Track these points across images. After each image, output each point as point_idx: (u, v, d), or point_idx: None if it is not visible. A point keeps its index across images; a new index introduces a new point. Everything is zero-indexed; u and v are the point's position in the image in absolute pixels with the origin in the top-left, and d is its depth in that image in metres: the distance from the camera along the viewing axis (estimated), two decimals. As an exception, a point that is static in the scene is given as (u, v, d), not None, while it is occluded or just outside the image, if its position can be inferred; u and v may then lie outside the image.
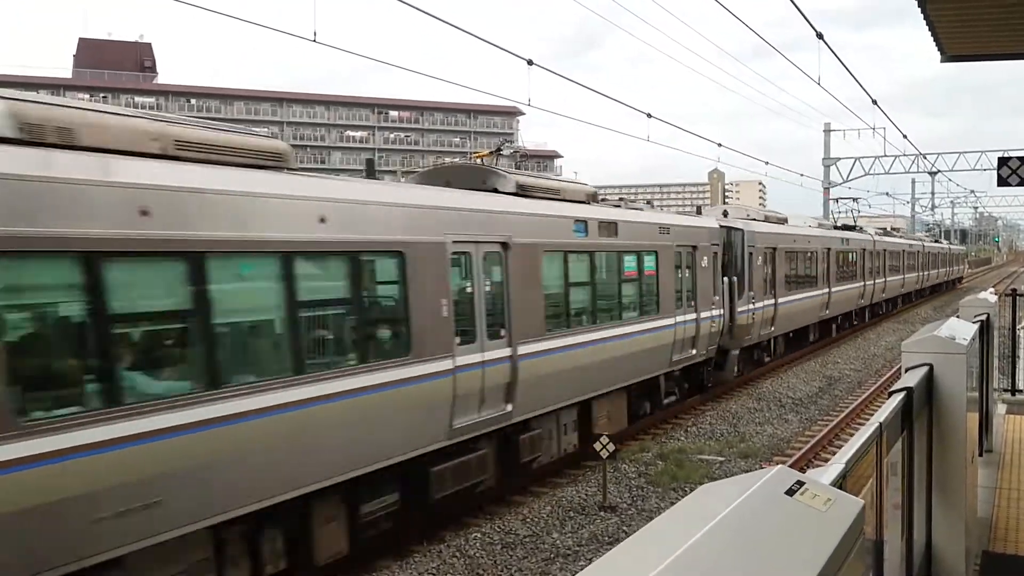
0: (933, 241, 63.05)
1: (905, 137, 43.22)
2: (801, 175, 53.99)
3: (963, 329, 5.83)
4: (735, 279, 20.26)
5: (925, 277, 51.09)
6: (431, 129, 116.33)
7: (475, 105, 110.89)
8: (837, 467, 2.51)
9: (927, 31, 10.09)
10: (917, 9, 9.04)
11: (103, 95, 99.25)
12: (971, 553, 5.74)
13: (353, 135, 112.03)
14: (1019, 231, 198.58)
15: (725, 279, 19.70)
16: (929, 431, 4.88)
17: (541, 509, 11.89)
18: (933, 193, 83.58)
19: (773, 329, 23.08)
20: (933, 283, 55.70)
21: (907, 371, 4.85)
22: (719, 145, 36.86)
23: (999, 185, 17.82)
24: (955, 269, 69.22)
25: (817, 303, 27.46)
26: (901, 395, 4.00)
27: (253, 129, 9.80)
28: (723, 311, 19.28)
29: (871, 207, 79.35)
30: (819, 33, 18.28)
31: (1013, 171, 17.43)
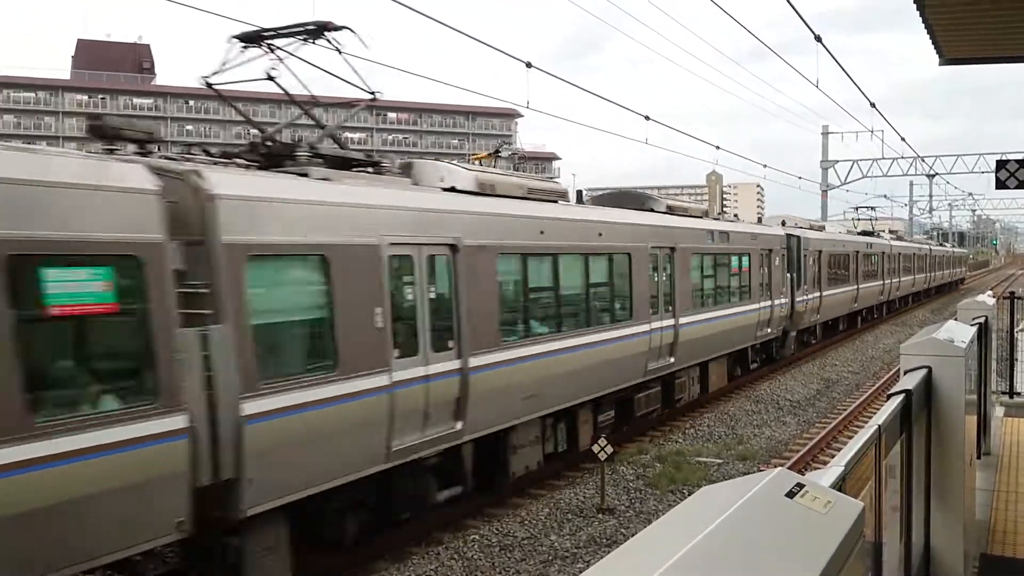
0: (938, 245, 66.83)
1: (903, 140, 43.33)
2: (799, 177, 54.08)
3: (961, 332, 5.84)
4: (794, 275, 24.62)
5: (932, 278, 55.22)
6: (429, 131, 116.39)
7: (474, 107, 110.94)
8: (836, 469, 2.51)
9: (926, 34, 10.12)
10: (916, 13, 9.06)
11: (101, 96, 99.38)
12: (969, 555, 5.75)
13: (351, 136, 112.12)
14: (1017, 234, 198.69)
15: (789, 275, 24.12)
16: (928, 434, 4.89)
17: (539, 511, 11.89)
18: (931, 196, 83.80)
19: (818, 317, 27.96)
20: (939, 283, 59.48)
21: (906, 373, 4.86)
22: (717, 148, 36.91)
23: (997, 188, 17.84)
24: (958, 271, 73.46)
25: (849, 297, 32.30)
26: (900, 398, 4.00)
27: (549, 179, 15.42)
28: (787, 300, 23.88)
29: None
30: (817, 36, 18.30)
31: (1011, 174, 17.45)
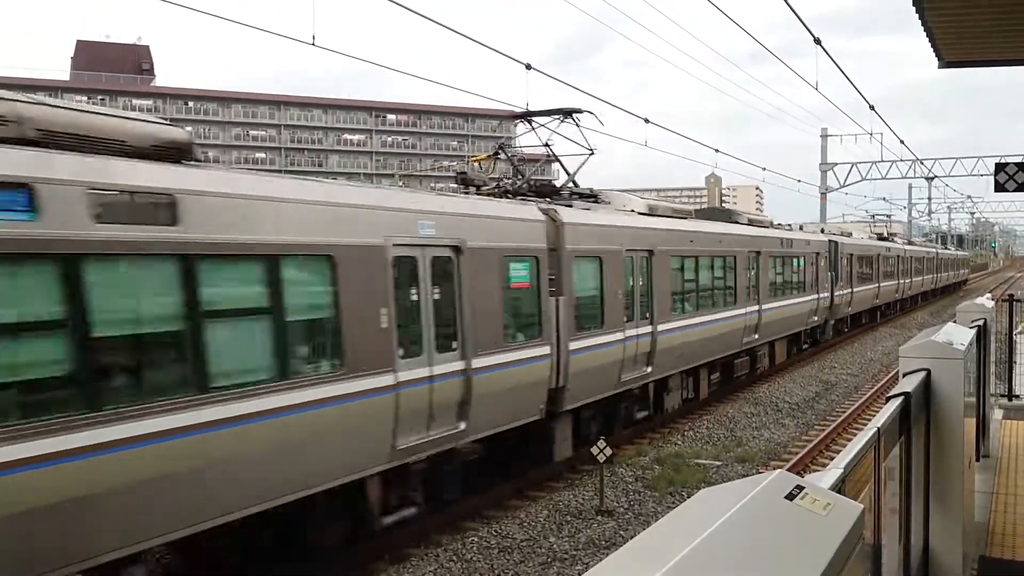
0: (943, 248, 73.21)
1: (902, 142, 43.36)
2: (798, 180, 54.10)
3: (960, 334, 5.84)
4: (833, 274, 29.89)
5: (938, 279, 60.85)
6: (429, 132, 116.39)
7: (473, 109, 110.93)
8: (836, 472, 2.51)
9: (925, 37, 10.13)
10: (915, 16, 9.07)
11: (100, 97, 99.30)
12: (968, 558, 5.75)
13: (351, 138, 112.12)
14: (1015, 237, 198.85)
15: (830, 273, 29.61)
16: (927, 436, 4.89)
17: (538, 513, 11.88)
18: (930, 198, 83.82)
19: (850, 309, 33.43)
20: (944, 284, 64.89)
21: (905, 376, 4.86)
22: (716, 151, 36.92)
23: (996, 191, 17.84)
24: (962, 272, 79.87)
25: (872, 294, 37.50)
26: (899, 400, 4.00)
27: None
28: (828, 294, 29.35)
29: (868, 212, 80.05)
30: (817, 38, 18.31)
31: (1010, 176, 17.46)
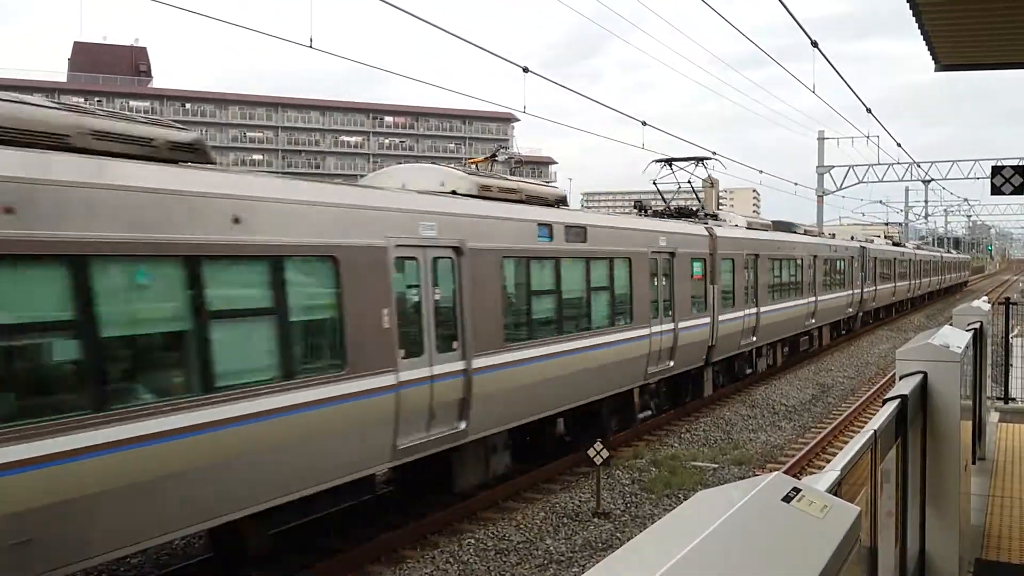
0: (946, 252, 78.79)
1: (899, 145, 43.37)
2: (795, 183, 54.08)
3: (957, 337, 5.85)
4: (863, 274, 35.75)
5: (943, 280, 66.94)
6: (426, 135, 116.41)
7: (470, 111, 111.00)
8: (832, 474, 2.52)
9: (922, 41, 10.15)
10: (912, 19, 9.09)
11: (98, 99, 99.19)
12: (964, 561, 5.76)
13: (348, 140, 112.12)
14: (1012, 240, 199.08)
15: (861, 273, 35.45)
16: (923, 439, 4.90)
17: (535, 515, 11.88)
18: (927, 201, 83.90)
19: (874, 304, 39.19)
20: (948, 285, 70.53)
21: (901, 379, 4.86)
22: (714, 153, 36.89)
23: (992, 194, 17.87)
24: (963, 274, 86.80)
25: (890, 292, 43.14)
26: (895, 403, 4.01)
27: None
28: (859, 291, 35.24)
29: (864, 215, 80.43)
30: (814, 41, 18.35)
31: (1006, 180, 17.49)
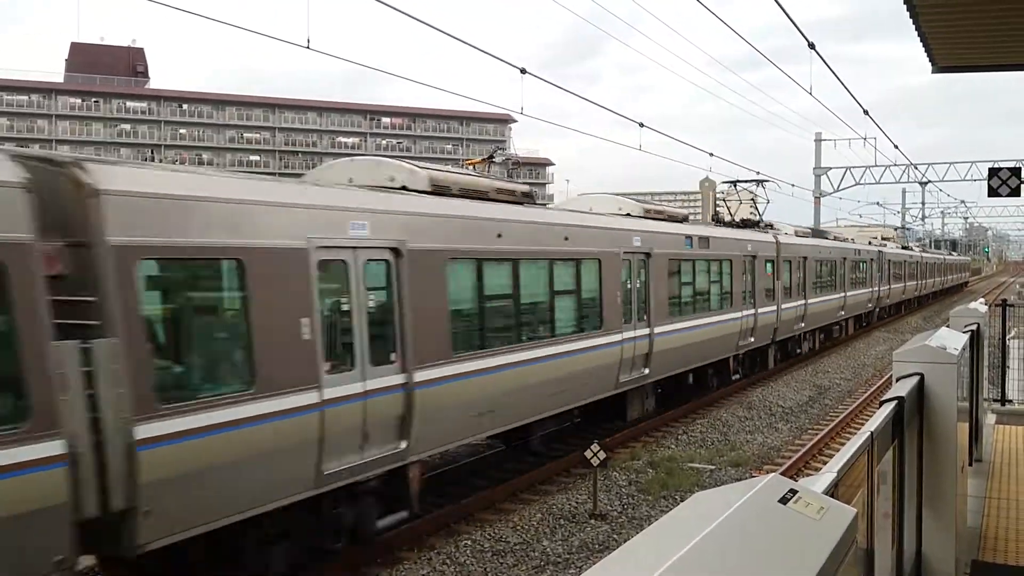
0: (948, 254, 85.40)
1: (896, 147, 43.43)
2: (792, 185, 54.10)
3: (954, 339, 5.84)
4: (879, 275, 41.25)
5: (946, 280, 72.99)
6: (423, 136, 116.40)
7: (468, 112, 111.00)
8: (829, 476, 2.51)
9: (919, 43, 10.16)
10: (909, 21, 9.10)
11: (95, 100, 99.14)
12: (960, 562, 5.75)
13: (345, 141, 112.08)
14: (1008, 241, 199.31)
15: (878, 274, 40.93)
16: (920, 440, 4.90)
17: (531, 517, 11.87)
18: (924, 203, 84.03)
19: (888, 300, 44.73)
20: (950, 285, 76.40)
21: (898, 380, 4.86)
22: (711, 155, 36.97)
23: (989, 195, 17.94)
24: (964, 275, 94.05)
25: (901, 290, 48.82)
26: (892, 404, 4.01)
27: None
28: (876, 289, 40.54)
29: (861, 217, 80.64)
30: (811, 43, 18.36)
31: (1003, 182, 17.55)
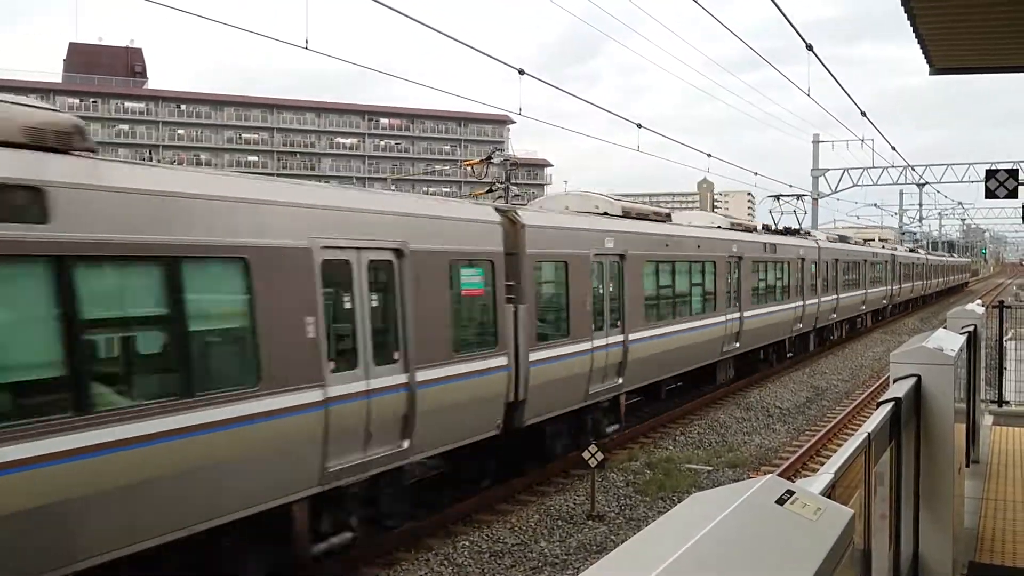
0: (949, 256, 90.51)
1: (893, 148, 43.58)
2: (790, 185, 54.14)
3: (951, 340, 5.85)
4: (892, 275, 44.60)
5: (949, 280, 77.39)
6: (422, 136, 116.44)
7: (466, 113, 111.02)
8: (826, 477, 2.52)
9: (916, 44, 10.17)
10: (907, 23, 9.11)
11: (93, 100, 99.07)
12: (958, 563, 5.76)
13: (343, 142, 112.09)
14: (1006, 243, 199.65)
15: (892, 274, 44.49)
16: (917, 442, 4.90)
17: (529, 518, 11.88)
18: (921, 205, 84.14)
19: (899, 298, 48.82)
20: (952, 285, 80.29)
21: (895, 382, 4.86)
22: (708, 155, 37.04)
23: (987, 197, 17.94)
24: (965, 276, 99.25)
25: (910, 288, 52.74)
26: (889, 405, 4.01)
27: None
28: (889, 288, 44.29)
29: (859, 218, 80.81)
30: (809, 45, 18.42)
31: (1000, 183, 17.56)
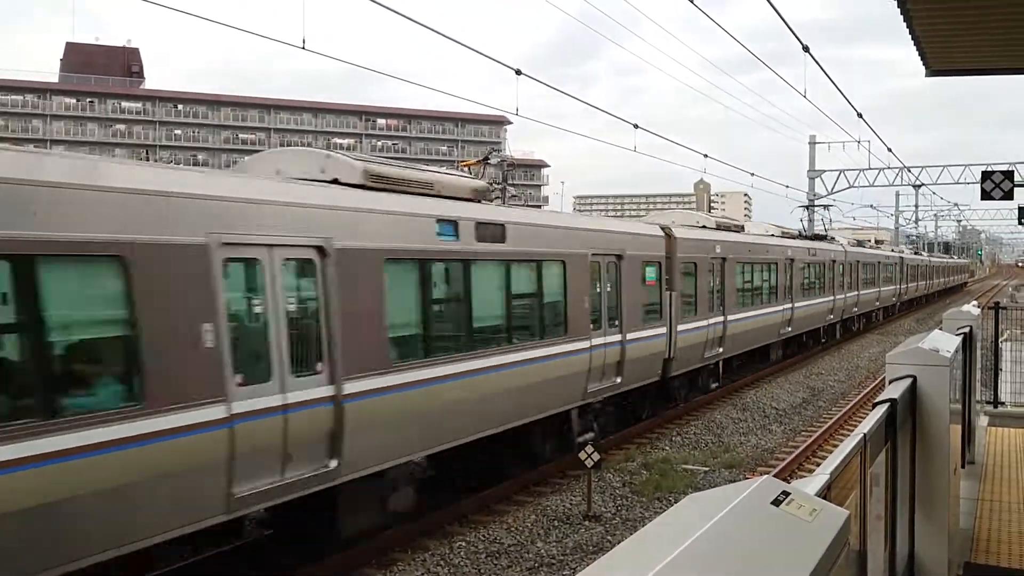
0: (951, 257, 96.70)
1: (890, 150, 43.55)
2: (786, 186, 54.19)
3: (946, 341, 5.86)
4: (901, 275, 48.66)
5: (948, 280, 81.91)
6: (419, 137, 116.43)
7: (463, 114, 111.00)
8: (822, 478, 2.52)
9: (913, 47, 10.19)
10: (903, 25, 9.13)
11: (89, 100, 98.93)
12: (953, 564, 5.77)
13: (340, 142, 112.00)
14: (1001, 244, 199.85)
15: (900, 274, 48.31)
16: (912, 442, 4.91)
17: (526, 518, 11.88)
18: (917, 206, 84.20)
19: (906, 296, 52.95)
20: (953, 284, 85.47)
21: (891, 383, 4.87)
22: (705, 156, 37.04)
23: (982, 199, 18.01)
24: (964, 276, 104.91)
25: (915, 287, 56.86)
26: (885, 406, 4.02)
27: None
28: (897, 287, 48.00)
29: (855, 219, 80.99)
30: (805, 46, 18.44)
31: (996, 185, 17.61)
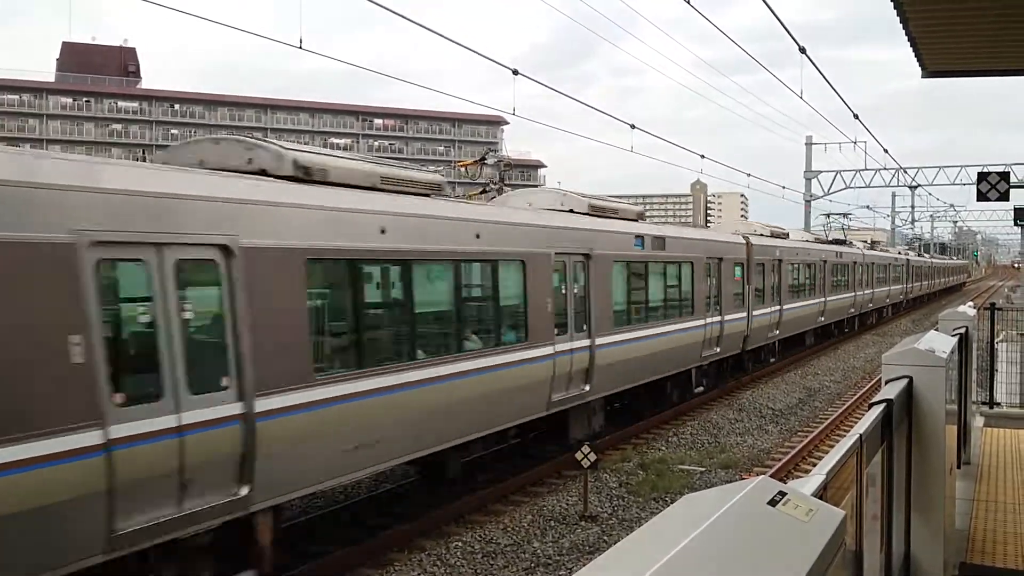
0: (950, 258, 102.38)
1: (886, 151, 43.64)
2: (783, 187, 54.28)
3: (942, 342, 5.87)
4: (906, 275, 51.78)
5: (949, 280, 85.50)
6: (416, 137, 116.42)
7: (460, 114, 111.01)
8: (818, 478, 2.53)
9: (909, 47, 10.21)
10: (899, 26, 9.15)
11: (86, 99, 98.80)
12: (949, 564, 5.78)
13: (337, 142, 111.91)
14: (997, 245, 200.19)
15: (907, 274, 52.20)
16: (908, 443, 4.92)
17: (522, 518, 11.89)
18: (913, 207, 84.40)
19: (911, 295, 55.74)
20: (953, 284, 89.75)
21: (887, 383, 4.88)
22: (702, 156, 37.07)
23: (978, 200, 18.06)
24: (963, 276, 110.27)
25: (919, 287, 60.02)
26: (881, 407, 4.03)
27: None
28: (904, 286, 51.96)
29: (852, 220, 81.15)
30: (802, 47, 18.46)
31: (992, 186, 17.65)
